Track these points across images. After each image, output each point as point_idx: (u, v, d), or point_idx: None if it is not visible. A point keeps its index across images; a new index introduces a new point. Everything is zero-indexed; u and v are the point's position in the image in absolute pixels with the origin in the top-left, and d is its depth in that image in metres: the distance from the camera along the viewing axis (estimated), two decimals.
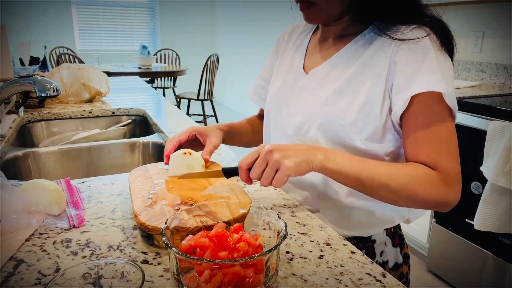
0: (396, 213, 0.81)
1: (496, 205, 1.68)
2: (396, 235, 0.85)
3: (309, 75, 0.81)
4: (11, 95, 1.16)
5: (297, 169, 0.65)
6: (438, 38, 0.70)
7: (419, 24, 0.71)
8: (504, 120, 1.68)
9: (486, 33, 2.48)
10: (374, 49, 0.73)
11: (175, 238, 0.52)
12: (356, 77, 0.74)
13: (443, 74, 0.67)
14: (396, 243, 0.84)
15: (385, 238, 0.83)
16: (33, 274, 0.53)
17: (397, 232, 0.86)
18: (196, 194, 0.69)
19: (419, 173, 0.68)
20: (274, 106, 0.88)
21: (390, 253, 0.83)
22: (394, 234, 0.85)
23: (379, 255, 0.82)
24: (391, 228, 0.84)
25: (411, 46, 0.69)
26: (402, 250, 0.86)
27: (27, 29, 5.31)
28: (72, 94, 1.67)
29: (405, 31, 0.71)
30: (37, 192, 0.68)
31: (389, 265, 0.83)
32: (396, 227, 0.86)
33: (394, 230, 0.85)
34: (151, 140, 1.31)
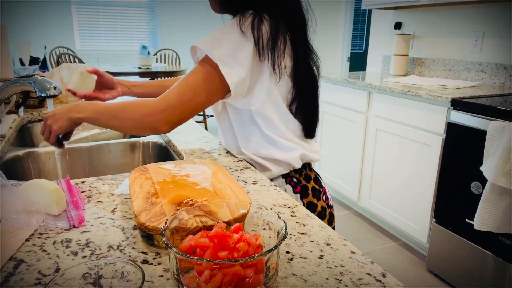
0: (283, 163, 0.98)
1: (496, 205, 1.68)
2: (299, 185, 0.99)
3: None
4: (11, 95, 1.16)
5: (61, 128, 0.91)
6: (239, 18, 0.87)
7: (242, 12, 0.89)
8: (504, 120, 1.68)
9: (486, 33, 2.48)
10: None
11: (175, 238, 0.52)
12: None
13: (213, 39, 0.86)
14: (297, 191, 0.99)
15: (286, 186, 0.98)
16: (33, 274, 0.53)
17: (300, 182, 0.99)
18: (196, 194, 0.69)
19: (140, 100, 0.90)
20: None
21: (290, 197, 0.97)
22: (296, 184, 0.99)
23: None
24: (292, 178, 0.99)
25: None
26: (304, 198, 0.99)
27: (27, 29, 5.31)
28: None
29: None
30: (37, 192, 0.68)
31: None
32: (300, 178, 0.99)
33: (297, 180, 0.99)
34: (151, 140, 1.31)
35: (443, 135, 2.04)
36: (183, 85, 0.86)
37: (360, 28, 6.68)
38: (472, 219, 1.80)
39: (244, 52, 0.85)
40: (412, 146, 2.26)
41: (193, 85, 0.86)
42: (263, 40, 0.85)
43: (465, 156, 1.90)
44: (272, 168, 0.98)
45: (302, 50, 0.92)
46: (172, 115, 0.86)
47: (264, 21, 0.86)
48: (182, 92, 0.86)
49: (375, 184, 2.60)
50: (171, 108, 0.85)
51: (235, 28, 0.86)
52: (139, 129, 0.89)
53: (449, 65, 2.73)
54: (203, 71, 0.86)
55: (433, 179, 2.13)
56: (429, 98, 2.09)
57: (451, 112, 1.96)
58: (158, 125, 0.86)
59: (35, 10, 5.34)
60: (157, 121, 0.85)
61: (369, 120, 2.59)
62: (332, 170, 3.02)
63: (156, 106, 0.85)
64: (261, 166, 0.98)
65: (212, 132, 4.66)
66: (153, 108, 0.85)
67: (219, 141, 1.17)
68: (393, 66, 2.95)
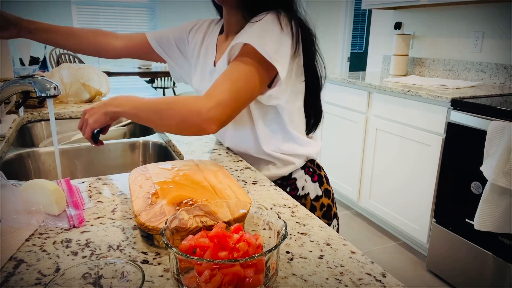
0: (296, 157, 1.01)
1: (496, 205, 1.68)
2: (316, 174, 1.04)
3: (216, 67, 0.98)
4: (11, 95, 1.16)
5: (97, 123, 0.88)
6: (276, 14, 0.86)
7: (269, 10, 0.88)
8: (504, 120, 1.69)
9: (486, 33, 2.48)
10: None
11: (175, 238, 0.52)
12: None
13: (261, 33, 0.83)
14: (315, 180, 1.03)
15: (305, 176, 1.02)
16: (33, 274, 0.53)
17: (315, 172, 1.04)
18: (196, 194, 0.69)
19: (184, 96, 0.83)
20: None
21: (310, 187, 1.02)
22: (313, 173, 1.03)
23: (301, 188, 1.01)
24: (308, 168, 1.03)
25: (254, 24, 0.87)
26: (322, 186, 1.04)
27: None
28: (72, 94, 1.67)
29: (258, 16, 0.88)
30: (37, 192, 0.68)
31: (310, 196, 1.02)
32: (315, 167, 1.04)
33: (313, 170, 1.03)
34: (151, 140, 1.31)
35: (443, 135, 2.04)
36: (232, 81, 0.82)
37: (360, 28, 6.68)
38: (472, 219, 1.80)
39: (285, 48, 0.85)
40: (412, 146, 2.26)
41: (243, 81, 0.83)
42: (297, 37, 0.88)
43: (465, 156, 1.90)
44: (295, 161, 1.00)
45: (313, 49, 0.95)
46: (223, 113, 0.80)
47: (293, 19, 0.88)
48: (233, 89, 0.82)
49: (375, 184, 2.60)
50: (222, 105, 0.80)
51: (276, 25, 0.85)
52: (183, 129, 0.83)
53: (449, 65, 2.73)
54: (250, 67, 0.83)
55: (433, 179, 2.13)
56: (429, 98, 2.09)
57: (451, 112, 1.96)
58: (207, 124, 0.80)
59: (35, 10, 5.34)
60: (206, 120, 0.79)
61: (369, 120, 2.59)
62: (332, 170, 3.02)
63: (206, 104, 0.79)
64: (283, 162, 1.00)
65: None
66: (202, 105, 0.79)
67: (218, 141, 1.17)
68: (393, 66, 2.95)
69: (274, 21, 0.86)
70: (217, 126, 0.80)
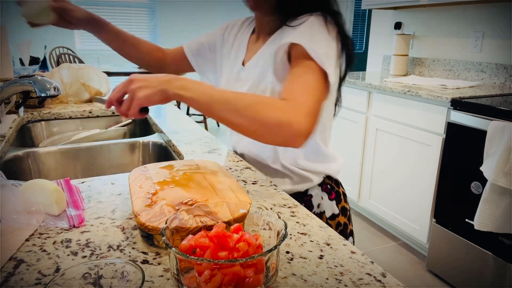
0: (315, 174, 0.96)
1: (496, 205, 1.68)
2: (333, 191, 0.98)
3: (245, 68, 0.95)
4: (11, 95, 1.16)
5: (148, 99, 0.70)
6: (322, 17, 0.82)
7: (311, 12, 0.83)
8: (504, 120, 1.68)
9: (486, 33, 2.48)
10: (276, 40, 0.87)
11: (175, 238, 0.52)
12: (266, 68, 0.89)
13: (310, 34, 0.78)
14: (333, 197, 0.98)
15: (322, 193, 0.96)
16: (33, 274, 0.53)
17: (333, 189, 0.99)
18: (196, 194, 0.69)
19: (267, 98, 0.76)
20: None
21: (326, 205, 0.97)
22: (331, 190, 0.98)
23: (316, 206, 0.96)
24: (326, 185, 0.98)
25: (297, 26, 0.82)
26: (339, 204, 0.99)
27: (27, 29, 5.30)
28: (72, 94, 1.67)
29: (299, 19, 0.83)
30: (37, 192, 0.68)
31: (326, 215, 0.97)
32: (333, 184, 0.99)
33: (330, 187, 0.98)
34: (151, 140, 1.31)
35: (443, 135, 2.04)
36: (310, 88, 0.75)
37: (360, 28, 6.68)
38: (472, 219, 1.80)
39: (332, 52, 0.80)
40: (412, 146, 2.26)
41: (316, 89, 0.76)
42: (342, 42, 0.83)
43: (465, 156, 1.90)
44: (313, 178, 0.94)
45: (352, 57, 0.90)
46: (311, 126, 0.72)
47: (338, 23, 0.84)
48: (314, 98, 0.74)
49: (375, 184, 2.61)
50: (310, 117, 0.71)
51: (323, 28, 0.80)
52: (266, 137, 0.72)
53: (449, 65, 2.73)
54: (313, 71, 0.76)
55: (433, 179, 2.13)
56: (429, 98, 2.09)
57: (451, 112, 1.96)
58: (297, 138, 0.70)
59: None
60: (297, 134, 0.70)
61: (369, 120, 2.59)
62: None
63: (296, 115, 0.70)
64: (300, 177, 0.94)
65: (212, 132, 4.66)
66: (292, 116, 0.69)
67: (218, 142, 1.17)
68: (393, 66, 2.95)
69: (321, 24, 0.81)
70: (305, 140, 0.71)
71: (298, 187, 0.95)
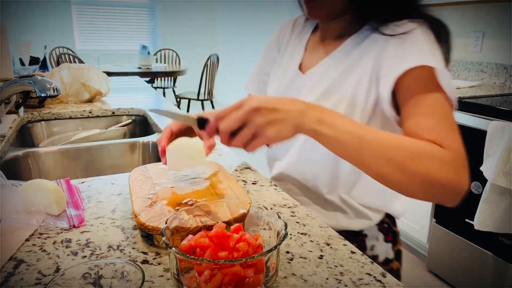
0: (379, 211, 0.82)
1: (496, 205, 1.68)
2: (390, 231, 0.84)
3: (306, 75, 0.80)
4: (11, 95, 1.16)
5: (279, 138, 0.54)
6: (432, 31, 0.68)
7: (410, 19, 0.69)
8: (504, 120, 1.68)
9: (486, 33, 2.48)
10: (364, 47, 0.73)
11: (175, 238, 0.52)
12: (344, 77, 0.74)
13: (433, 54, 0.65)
14: (389, 239, 0.84)
15: (377, 233, 0.83)
16: (33, 274, 0.53)
17: (390, 228, 0.85)
18: (196, 194, 0.69)
19: (429, 148, 0.57)
20: None
21: (381, 248, 0.83)
22: (388, 230, 0.84)
23: (369, 248, 0.82)
24: (384, 224, 0.83)
25: (400, 37, 0.67)
26: (395, 246, 0.85)
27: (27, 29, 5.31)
28: (72, 94, 1.67)
29: (396, 26, 0.69)
30: (37, 192, 0.68)
31: (379, 259, 0.83)
32: (390, 223, 0.85)
33: (387, 226, 0.84)
34: (151, 140, 1.31)
35: None
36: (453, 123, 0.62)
37: None
38: (472, 219, 1.80)
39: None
40: None
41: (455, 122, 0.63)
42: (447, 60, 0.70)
43: None
44: (373, 217, 0.82)
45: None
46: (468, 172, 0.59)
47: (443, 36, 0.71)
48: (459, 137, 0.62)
49: None
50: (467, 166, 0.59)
51: (433, 43, 0.67)
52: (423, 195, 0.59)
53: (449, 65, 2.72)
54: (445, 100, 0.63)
55: None
56: None
57: None
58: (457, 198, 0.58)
59: (35, 10, 5.34)
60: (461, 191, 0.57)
61: None
62: None
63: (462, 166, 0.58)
64: (357, 213, 0.81)
65: None
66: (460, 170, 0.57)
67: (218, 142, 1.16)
68: None
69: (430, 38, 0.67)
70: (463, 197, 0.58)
71: (353, 225, 0.81)
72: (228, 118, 0.54)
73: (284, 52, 0.90)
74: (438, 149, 0.58)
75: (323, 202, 0.81)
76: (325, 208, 0.81)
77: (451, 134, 0.60)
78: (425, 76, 0.64)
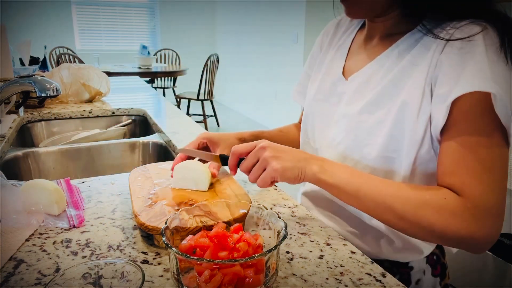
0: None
1: None
2: (439, 264, 0.75)
3: (349, 81, 0.72)
4: (11, 95, 1.16)
5: (284, 174, 0.59)
6: (498, 35, 0.56)
7: (473, 20, 0.57)
8: None
9: None
10: (418, 51, 0.62)
11: (175, 238, 0.52)
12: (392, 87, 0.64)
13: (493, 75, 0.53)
14: (437, 273, 0.75)
15: (425, 266, 0.73)
16: (33, 274, 0.53)
17: (439, 260, 0.76)
18: (196, 194, 0.69)
19: (436, 197, 0.55)
20: (310, 116, 0.81)
21: (428, 282, 0.74)
22: (436, 262, 0.75)
23: (414, 283, 0.73)
24: (433, 255, 0.75)
25: (459, 45, 0.56)
26: (443, 280, 0.76)
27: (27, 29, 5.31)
28: (72, 94, 1.67)
29: (454, 28, 0.58)
30: (37, 192, 0.68)
31: None
32: (439, 254, 0.76)
33: (436, 258, 0.75)
34: (151, 140, 1.31)
35: None
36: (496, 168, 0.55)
37: None
38: None
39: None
40: None
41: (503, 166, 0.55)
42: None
43: None
44: (424, 249, 0.72)
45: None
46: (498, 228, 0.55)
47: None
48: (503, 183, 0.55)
49: None
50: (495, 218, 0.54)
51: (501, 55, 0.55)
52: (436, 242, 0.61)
53: None
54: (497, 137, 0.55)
55: None
56: None
57: None
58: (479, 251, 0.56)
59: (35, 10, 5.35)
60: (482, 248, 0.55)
61: None
62: None
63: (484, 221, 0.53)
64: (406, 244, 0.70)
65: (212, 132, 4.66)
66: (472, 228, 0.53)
67: None
68: None
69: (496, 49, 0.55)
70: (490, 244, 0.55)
71: (398, 256, 0.71)
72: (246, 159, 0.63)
73: (327, 52, 0.82)
74: (448, 198, 0.54)
75: (362, 228, 0.72)
76: (365, 232, 0.72)
77: (478, 180, 0.54)
78: (476, 107, 0.54)
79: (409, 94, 0.61)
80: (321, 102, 0.78)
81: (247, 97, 5.65)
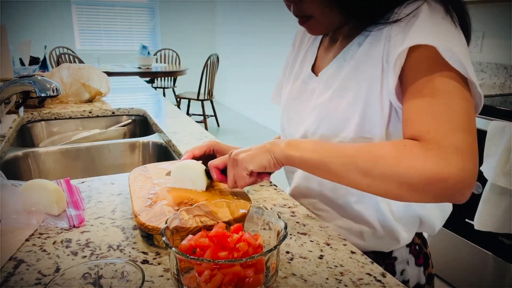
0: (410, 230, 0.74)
1: (496, 205, 1.68)
2: (421, 254, 0.78)
3: (319, 77, 0.76)
4: (11, 95, 1.16)
5: (253, 161, 0.63)
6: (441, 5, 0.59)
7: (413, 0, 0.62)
8: (504, 120, 1.68)
9: (486, 33, 2.48)
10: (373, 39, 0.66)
11: (175, 238, 0.52)
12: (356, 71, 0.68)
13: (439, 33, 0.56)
14: (420, 262, 0.77)
15: (408, 256, 0.76)
16: (33, 274, 0.53)
17: (422, 250, 0.78)
18: (196, 194, 0.69)
19: (396, 146, 0.55)
20: (285, 114, 0.84)
21: (412, 272, 0.76)
22: (419, 252, 0.77)
23: (399, 273, 0.76)
24: (415, 245, 0.76)
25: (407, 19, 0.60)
26: (426, 269, 0.78)
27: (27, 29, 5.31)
28: (72, 94, 1.68)
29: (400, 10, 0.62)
30: (37, 192, 0.68)
31: (409, 284, 0.77)
32: (421, 244, 0.78)
33: (419, 248, 0.77)
34: (151, 140, 1.31)
35: None
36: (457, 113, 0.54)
37: None
38: (472, 219, 1.80)
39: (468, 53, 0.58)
40: None
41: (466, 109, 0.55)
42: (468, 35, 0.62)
43: None
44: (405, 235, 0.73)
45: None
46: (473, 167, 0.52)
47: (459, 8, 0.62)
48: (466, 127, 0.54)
49: None
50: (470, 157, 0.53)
51: (447, 20, 0.59)
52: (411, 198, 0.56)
53: None
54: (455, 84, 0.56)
55: None
56: None
57: None
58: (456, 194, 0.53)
59: (35, 10, 5.35)
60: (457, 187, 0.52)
61: None
62: None
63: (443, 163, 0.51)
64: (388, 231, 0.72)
65: (212, 132, 4.67)
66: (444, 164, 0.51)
67: None
68: None
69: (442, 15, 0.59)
70: (470, 190, 0.53)
71: (381, 245, 0.73)
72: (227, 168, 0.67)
73: (298, 54, 0.86)
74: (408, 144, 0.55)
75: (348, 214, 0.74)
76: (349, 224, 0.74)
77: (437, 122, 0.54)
78: (424, 57, 0.57)
79: (371, 72, 0.65)
80: (295, 99, 0.81)
81: (247, 97, 5.65)
